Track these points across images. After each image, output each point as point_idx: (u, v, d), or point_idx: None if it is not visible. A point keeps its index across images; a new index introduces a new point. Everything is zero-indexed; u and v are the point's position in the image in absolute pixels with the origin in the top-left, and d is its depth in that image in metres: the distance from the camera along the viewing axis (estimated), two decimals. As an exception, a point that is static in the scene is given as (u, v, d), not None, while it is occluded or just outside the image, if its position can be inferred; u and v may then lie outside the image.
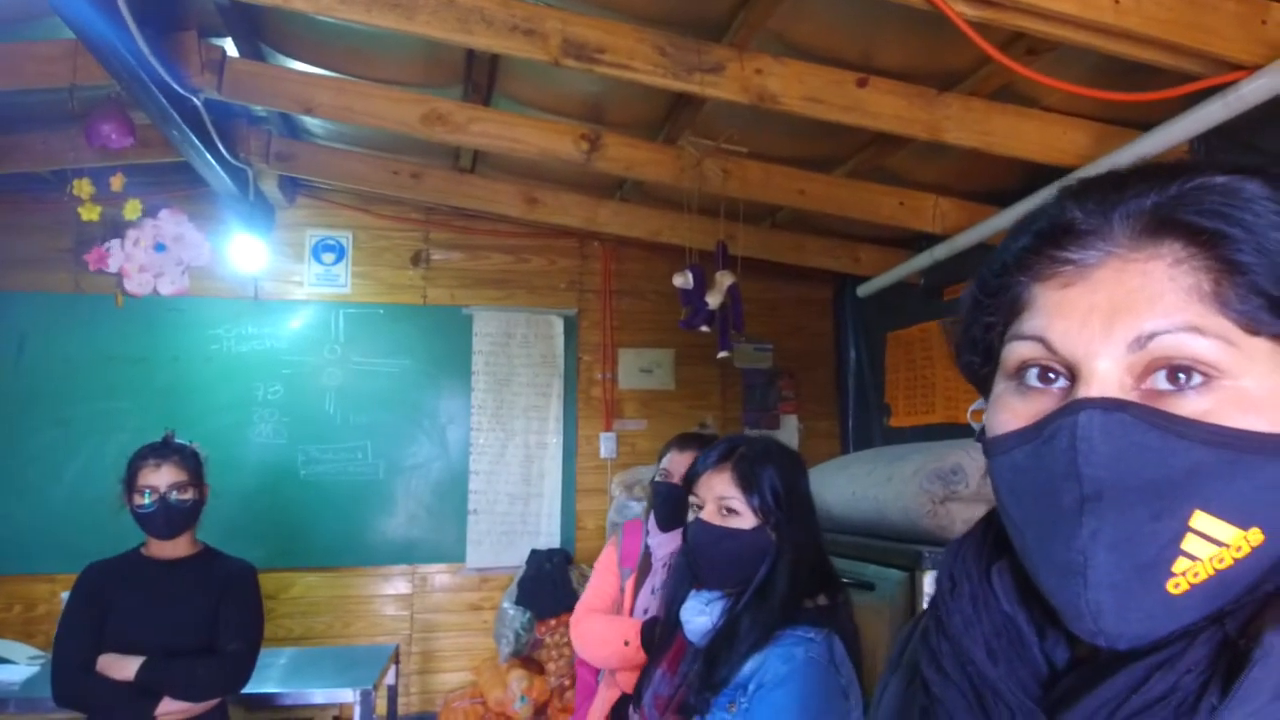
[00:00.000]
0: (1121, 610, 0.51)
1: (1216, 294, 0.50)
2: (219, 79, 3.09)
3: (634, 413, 5.06)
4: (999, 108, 2.78)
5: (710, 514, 1.56)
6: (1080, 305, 0.54)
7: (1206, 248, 0.51)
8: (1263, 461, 0.49)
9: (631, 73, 2.59)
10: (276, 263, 4.58)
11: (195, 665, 2.25)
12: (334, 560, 4.55)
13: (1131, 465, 0.51)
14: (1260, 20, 2.07)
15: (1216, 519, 0.49)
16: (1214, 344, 0.50)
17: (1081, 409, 0.52)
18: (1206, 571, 0.50)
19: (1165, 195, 0.53)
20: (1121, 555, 0.51)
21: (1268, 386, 0.50)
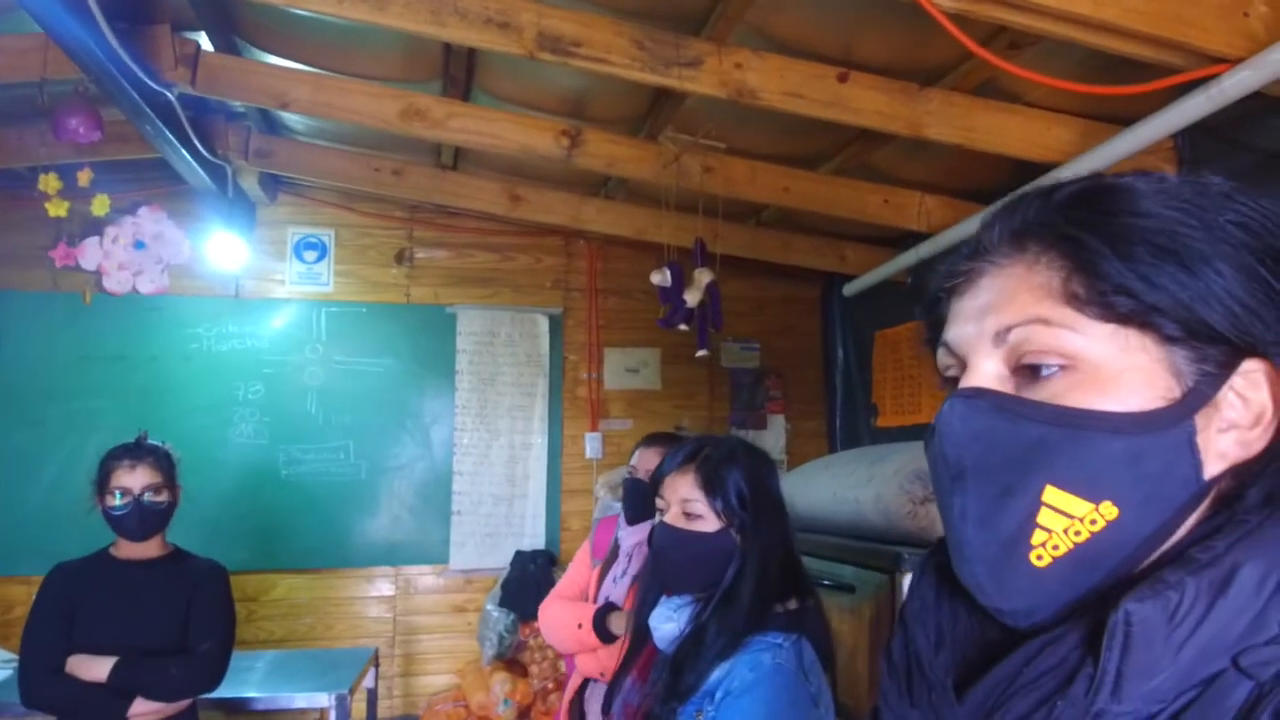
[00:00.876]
0: (997, 583, 0.55)
1: (1065, 288, 0.54)
2: (193, 73, 3.05)
3: (620, 412, 5.02)
4: (982, 103, 2.74)
5: (674, 516, 1.52)
6: (967, 310, 0.60)
7: (1059, 247, 0.55)
8: (1107, 437, 0.52)
9: (608, 66, 2.55)
10: (258, 261, 4.53)
11: (168, 665, 2.24)
12: (316, 562, 4.50)
13: (986, 446, 0.56)
14: (1242, 12, 2.03)
15: (1066, 493, 0.53)
16: (1061, 333, 0.54)
17: (949, 399, 0.58)
18: (1065, 544, 0.53)
19: (1033, 208, 0.58)
20: (987, 530, 0.55)
21: (1117, 369, 0.53)
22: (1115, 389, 0.53)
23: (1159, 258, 0.52)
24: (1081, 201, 0.57)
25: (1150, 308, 0.52)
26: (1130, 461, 0.52)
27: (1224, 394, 0.53)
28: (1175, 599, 0.48)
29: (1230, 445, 0.54)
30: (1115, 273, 0.53)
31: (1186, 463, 0.53)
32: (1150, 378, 0.53)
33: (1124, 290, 0.52)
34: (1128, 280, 0.52)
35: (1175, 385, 0.53)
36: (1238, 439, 0.54)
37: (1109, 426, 0.52)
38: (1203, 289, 0.52)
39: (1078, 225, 0.55)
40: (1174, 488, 0.53)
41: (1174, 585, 0.49)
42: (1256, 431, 0.54)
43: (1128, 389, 0.53)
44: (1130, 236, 0.53)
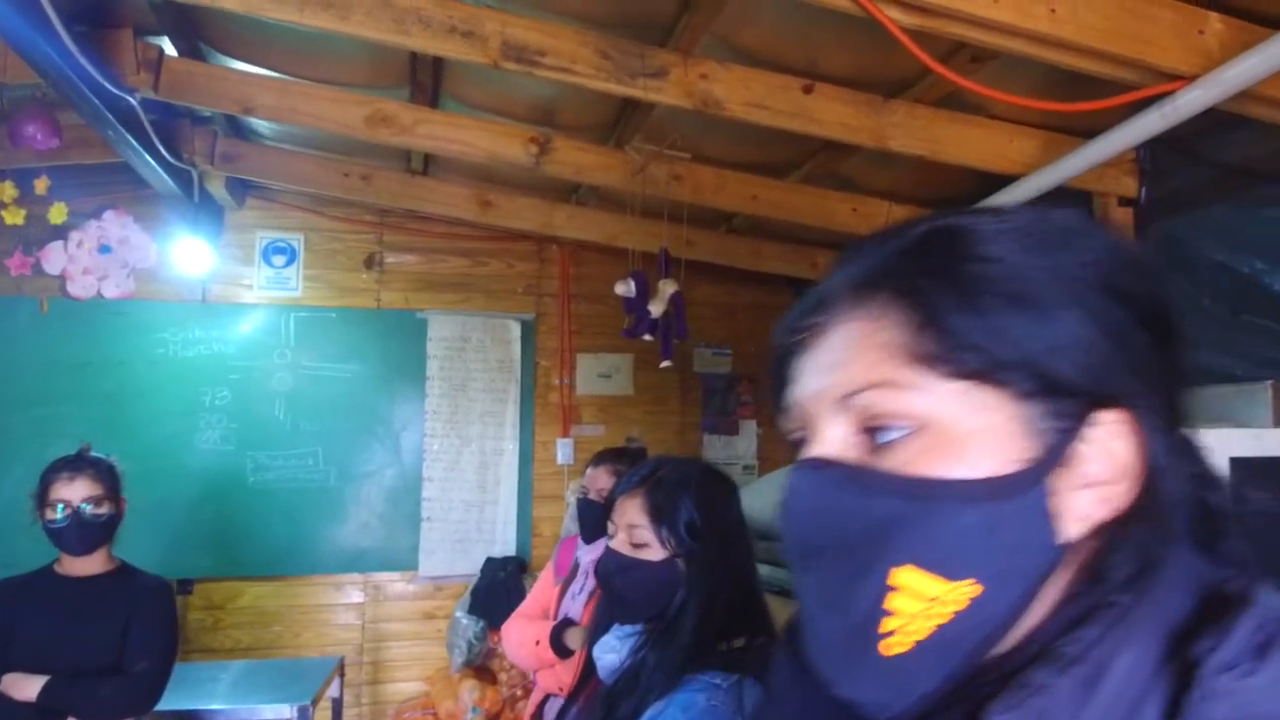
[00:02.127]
0: (848, 673, 0.51)
1: (911, 346, 0.50)
2: (156, 79, 3.01)
3: (592, 418, 5.02)
4: (945, 115, 2.76)
5: (620, 542, 1.46)
6: (810, 370, 0.55)
7: (903, 300, 0.51)
8: (959, 509, 0.48)
9: (573, 76, 2.55)
10: (225, 265, 4.49)
11: (100, 685, 2.19)
12: (284, 569, 4.46)
13: (833, 523, 0.51)
14: (1197, 30, 2.06)
15: (922, 572, 0.48)
16: (908, 395, 0.50)
17: (793, 471, 0.54)
18: (925, 629, 0.48)
19: (875, 256, 0.54)
20: (836, 614, 0.51)
21: (969, 430, 0.49)
22: (967, 452, 0.49)
23: (1007, 308, 0.49)
24: (924, 247, 0.53)
25: (1000, 363, 0.49)
26: (985, 533, 0.48)
27: (1083, 449, 0.50)
28: (1044, 705, 0.45)
29: (1092, 504, 0.50)
30: (962, 327, 0.49)
31: (1043, 529, 0.49)
32: (1003, 438, 0.49)
33: (972, 346, 0.49)
34: (975, 335, 0.49)
35: (1030, 445, 0.49)
36: (1100, 496, 0.50)
37: (963, 495, 0.48)
38: (1053, 340, 0.49)
39: (921, 275, 0.51)
40: (1032, 557, 0.49)
41: (1039, 690, 0.46)
42: (1121, 487, 0.50)
43: (980, 452, 0.49)
44: (976, 285, 0.49)
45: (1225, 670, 0.43)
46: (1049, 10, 1.95)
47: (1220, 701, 0.43)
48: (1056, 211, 0.54)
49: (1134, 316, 0.50)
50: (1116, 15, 2.00)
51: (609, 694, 1.40)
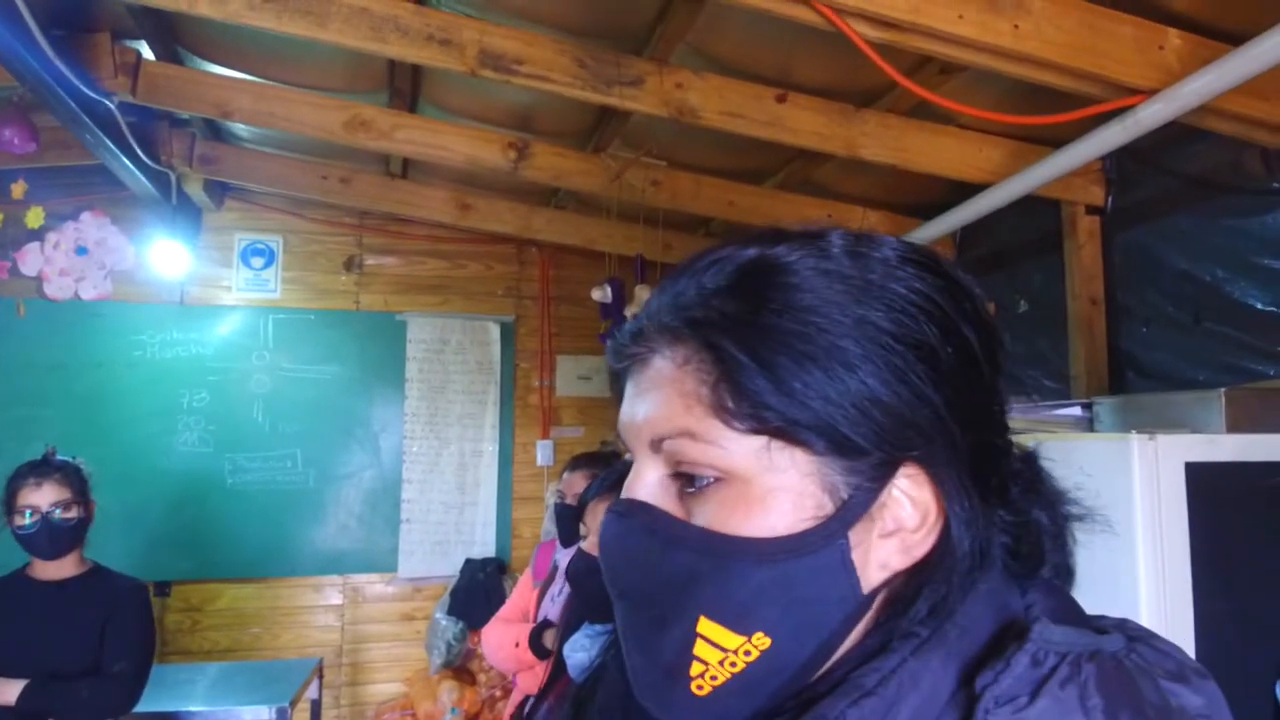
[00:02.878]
0: (661, 709, 0.53)
1: (713, 398, 0.50)
2: (133, 82, 3.02)
3: (572, 420, 5.04)
4: (916, 124, 2.81)
5: (591, 544, 1.52)
6: (631, 400, 0.56)
7: (707, 351, 0.51)
8: (753, 566, 0.49)
9: (550, 84, 2.57)
10: (203, 267, 4.48)
11: (79, 687, 2.20)
12: (262, 571, 4.46)
13: (639, 569, 0.53)
14: (1157, 46, 2.11)
15: (717, 625, 0.49)
16: (709, 449, 0.50)
17: (608, 512, 0.55)
18: (722, 675, 0.50)
19: (690, 291, 0.54)
20: (647, 655, 0.52)
21: (767, 486, 0.50)
22: (765, 509, 0.50)
23: (801, 366, 0.49)
24: (732, 292, 0.52)
25: (795, 424, 0.49)
26: (780, 589, 0.49)
27: (885, 499, 0.51)
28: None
29: (893, 553, 0.51)
30: (756, 388, 0.49)
31: (842, 582, 0.50)
32: (799, 495, 0.50)
33: (766, 406, 0.49)
34: (768, 396, 0.49)
35: (827, 501, 0.50)
36: (900, 545, 0.51)
37: (756, 554, 0.49)
38: (846, 401, 0.49)
39: (723, 328, 0.51)
40: (829, 609, 0.50)
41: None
42: (920, 534, 0.51)
43: (776, 509, 0.49)
44: (774, 342, 0.50)
45: (1002, 704, 0.45)
46: (1013, 26, 1.99)
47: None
48: (883, 249, 0.53)
49: (937, 371, 0.50)
50: (1078, 31, 2.05)
51: (579, 693, 1.43)
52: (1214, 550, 1.66)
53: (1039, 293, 3.21)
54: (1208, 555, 1.66)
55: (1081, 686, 0.45)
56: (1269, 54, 1.85)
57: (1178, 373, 2.61)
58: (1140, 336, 2.79)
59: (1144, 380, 2.75)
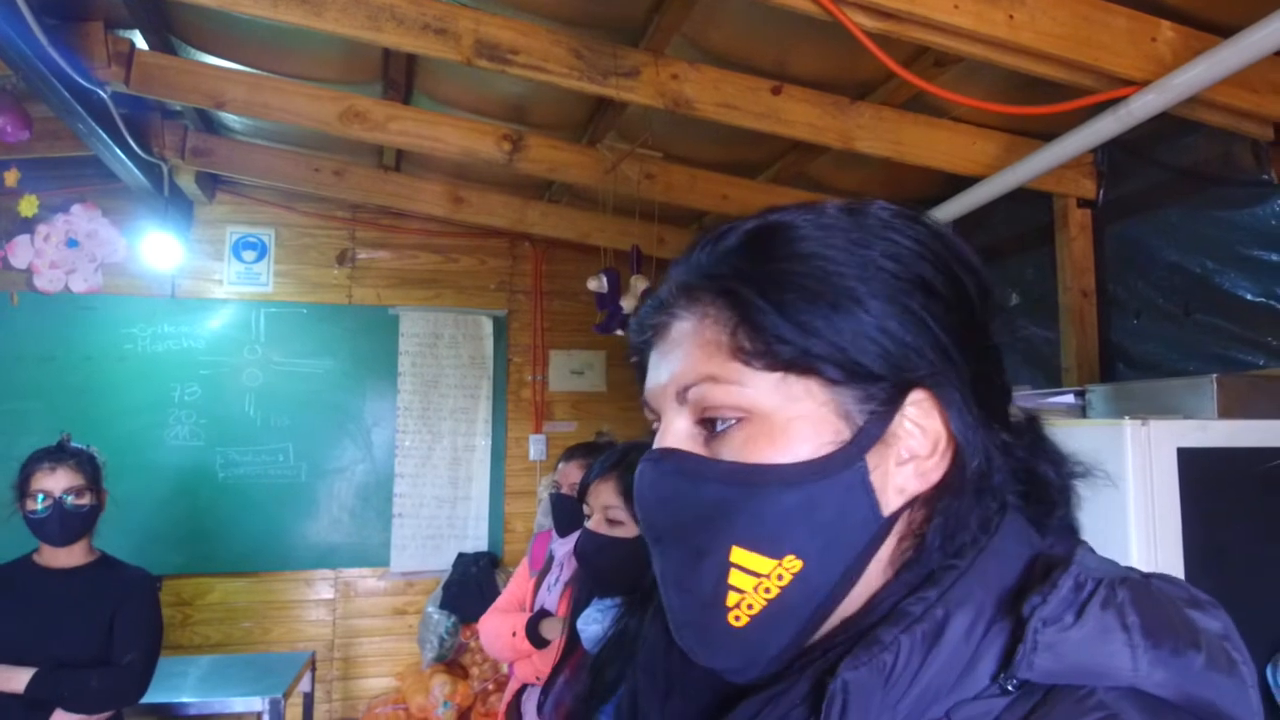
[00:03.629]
0: (705, 645, 0.56)
1: (732, 343, 0.55)
2: (127, 72, 3.00)
3: (564, 414, 5.05)
4: (910, 117, 2.82)
5: (596, 523, 1.57)
6: (656, 366, 0.60)
7: (723, 300, 0.56)
8: (779, 491, 0.53)
9: (546, 75, 2.58)
10: (195, 260, 4.47)
11: (89, 676, 2.19)
12: (254, 565, 4.45)
13: (674, 511, 0.56)
14: (1150, 37, 2.13)
15: (750, 552, 0.53)
16: (731, 389, 0.54)
17: (640, 462, 0.59)
18: (758, 602, 0.53)
19: (702, 256, 0.59)
20: (686, 594, 0.56)
21: (787, 418, 0.54)
22: (787, 438, 0.53)
23: (811, 302, 0.53)
24: (742, 249, 0.57)
25: (809, 354, 0.53)
26: (806, 511, 0.52)
27: (896, 428, 0.54)
28: (890, 660, 0.49)
29: (909, 478, 0.54)
30: (771, 324, 0.53)
31: (863, 504, 0.53)
32: (817, 423, 0.53)
33: (782, 340, 0.53)
34: (783, 330, 0.53)
35: (844, 427, 0.53)
36: (916, 470, 0.55)
37: (781, 479, 0.53)
38: (855, 330, 0.53)
39: (737, 277, 0.55)
40: (854, 531, 0.53)
41: (889, 646, 0.49)
42: (934, 460, 0.55)
43: (798, 437, 0.53)
44: (784, 283, 0.54)
45: (1050, 624, 0.47)
46: (1007, 16, 2.01)
47: (1044, 653, 0.47)
48: (874, 207, 0.58)
49: (936, 304, 0.55)
50: (1072, 22, 2.07)
51: (596, 661, 1.48)
52: (1205, 534, 1.68)
53: (1031, 285, 3.24)
54: (1199, 539, 1.67)
55: (1119, 607, 0.48)
56: (1259, 45, 1.87)
57: (1168, 363, 2.63)
58: (1131, 328, 2.81)
59: (1134, 371, 2.77)
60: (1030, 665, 0.47)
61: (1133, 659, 0.46)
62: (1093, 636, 0.47)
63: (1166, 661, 0.46)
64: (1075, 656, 0.46)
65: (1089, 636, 0.47)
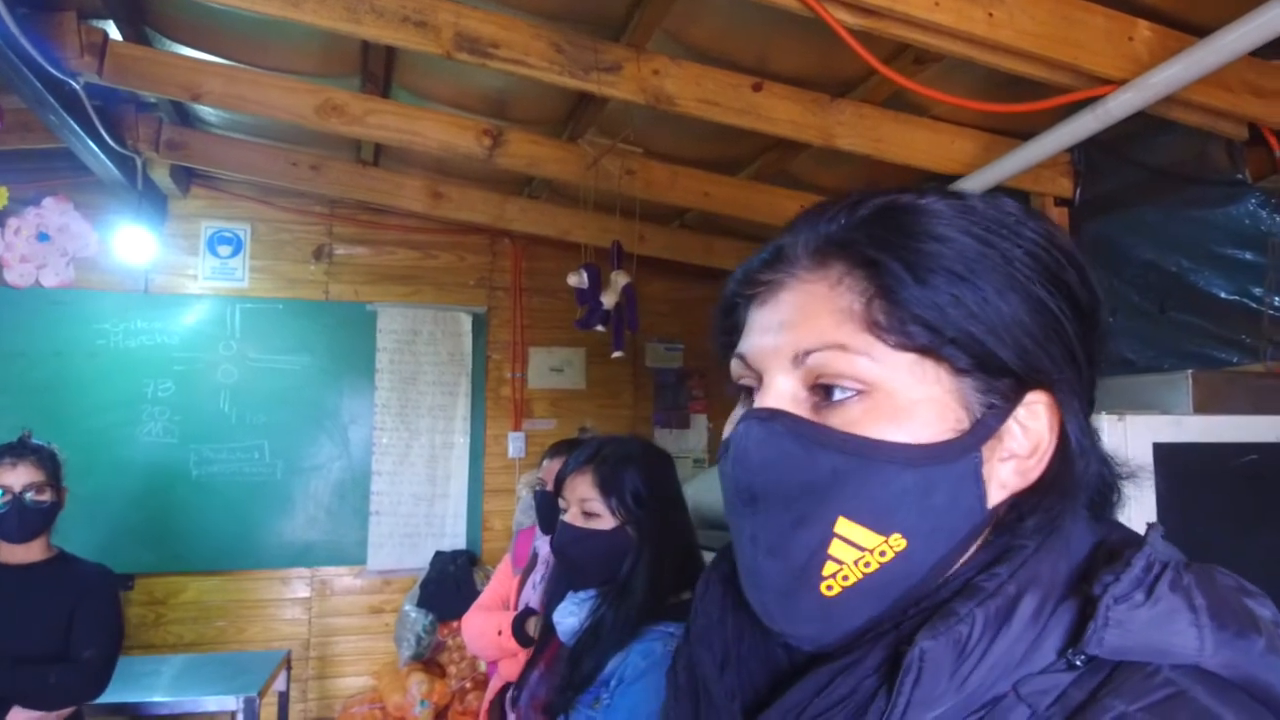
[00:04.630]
0: (786, 611, 0.55)
1: (866, 313, 0.54)
2: (100, 63, 2.95)
3: (544, 412, 5.03)
4: (891, 115, 2.83)
5: (573, 516, 1.57)
6: (766, 323, 0.58)
7: (861, 270, 0.55)
8: (897, 469, 0.52)
9: (527, 69, 2.56)
10: (169, 255, 4.41)
11: (47, 673, 2.17)
12: (228, 564, 4.40)
13: (780, 472, 0.55)
14: (1127, 37, 2.15)
15: (857, 525, 0.53)
16: (859, 360, 0.53)
17: (744, 419, 0.57)
18: (855, 575, 0.53)
19: (837, 222, 0.57)
20: (778, 559, 0.55)
21: (912, 399, 0.53)
22: (909, 419, 0.53)
23: (955, 288, 0.52)
24: (885, 220, 0.56)
25: (945, 340, 0.52)
26: (920, 493, 0.52)
27: (1010, 424, 0.54)
28: (965, 631, 0.49)
29: (1010, 475, 0.55)
30: (913, 301, 0.52)
31: (972, 493, 0.53)
32: (942, 409, 0.53)
33: (921, 321, 0.52)
34: (925, 311, 0.52)
35: (965, 416, 0.53)
36: (1017, 468, 0.55)
37: (901, 458, 0.52)
38: (994, 321, 0.52)
39: (880, 247, 0.54)
40: (960, 518, 0.54)
41: (964, 618, 0.50)
42: (1033, 461, 0.55)
43: (921, 420, 0.53)
44: (930, 263, 0.53)
45: (1120, 602, 0.48)
46: (987, 14, 2.02)
47: (1114, 629, 0.48)
48: (1005, 200, 0.57)
49: (1065, 304, 0.55)
50: (1051, 20, 2.08)
51: (573, 651, 1.48)
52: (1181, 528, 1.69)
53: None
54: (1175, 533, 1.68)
55: (1186, 589, 0.49)
56: (1235, 45, 1.89)
57: (1143, 360, 2.66)
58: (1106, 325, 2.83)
59: (1110, 368, 2.80)
60: (1100, 641, 0.48)
61: (1199, 639, 0.47)
62: (1162, 615, 0.48)
63: (1231, 643, 0.48)
64: (1144, 634, 0.48)
65: (1158, 615, 0.48)
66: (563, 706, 1.45)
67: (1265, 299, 2.25)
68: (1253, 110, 2.23)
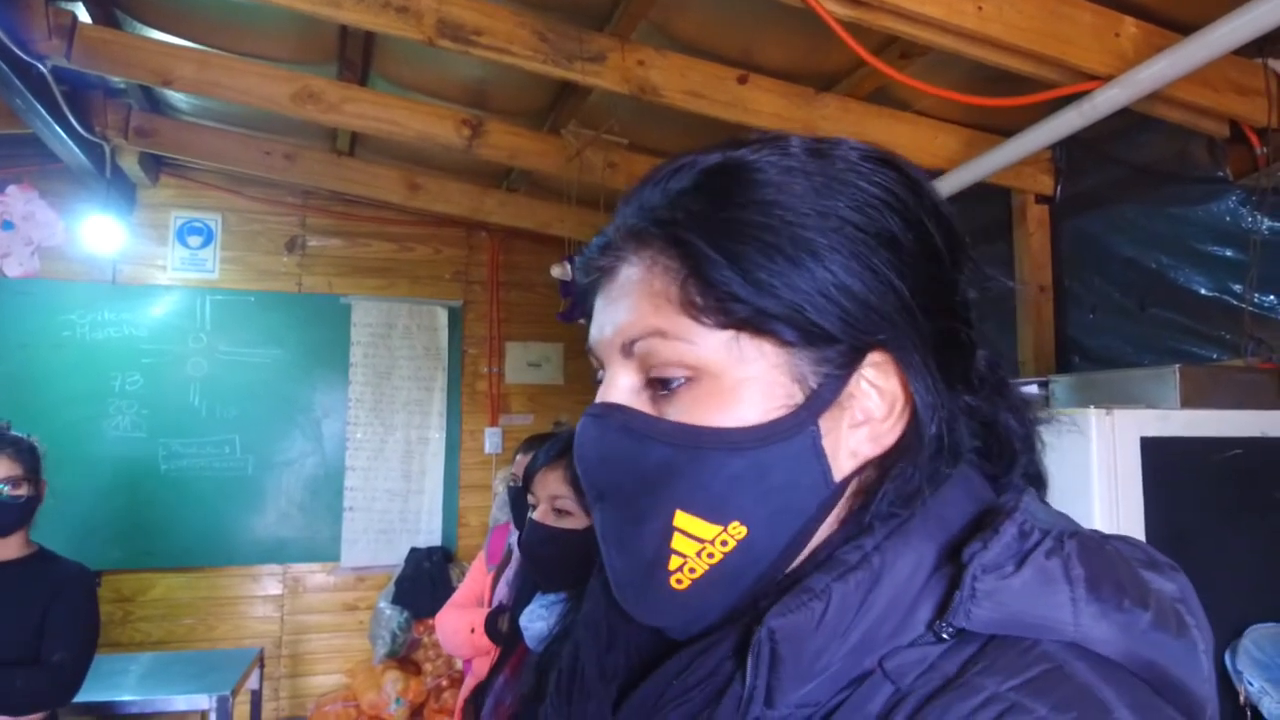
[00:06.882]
0: (641, 605, 0.54)
1: (681, 295, 0.51)
2: (68, 46, 2.87)
3: (521, 407, 4.99)
4: (875, 110, 2.83)
5: (543, 513, 1.47)
6: (601, 313, 0.56)
7: (674, 249, 0.52)
8: (726, 455, 0.50)
9: (510, 57, 2.52)
10: (137, 245, 4.31)
11: (14, 676, 2.09)
12: (198, 560, 4.32)
13: (616, 469, 0.53)
14: (1114, 33, 2.16)
15: (694, 517, 0.50)
16: (679, 345, 0.51)
17: (583, 416, 0.55)
18: (700, 567, 0.51)
19: (655, 196, 0.54)
20: (626, 554, 0.54)
21: (737, 379, 0.50)
22: (735, 401, 0.50)
23: (768, 257, 0.49)
24: (696, 191, 0.52)
25: (763, 314, 0.49)
26: (754, 478, 0.50)
27: (852, 390, 0.51)
28: (820, 608, 0.46)
29: (863, 442, 0.52)
30: (724, 279, 0.49)
31: (814, 469, 0.50)
32: (769, 386, 0.50)
33: (734, 297, 0.49)
34: (736, 287, 0.49)
35: (797, 390, 0.50)
36: (870, 434, 0.52)
37: (728, 444, 0.50)
38: (814, 289, 0.49)
39: (689, 225, 0.51)
40: (803, 496, 0.51)
41: (819, 594, 0.47)
42: (889, 423, 0.52)
43: (747, 400, 0.50)
44: (740, 234, 0.50)
45: (989, 571, 0.45)
46: (976, 8, 2.02)
47: (983, 601, 0.44)
48: (842, 148, 0.53)
49: (903, 260, 0.51)
50: (1039, 15, 2.08)
51: (540, 660, 1.41)
52: (1168, 522, 1.70)
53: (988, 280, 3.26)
54: (1162, 527, 1.70)
55: (1065, 559, 0.45)
56: (1220, 42, 1.90)
57: (1123, 357, 2.67)
58: (1087, 322, 2.85)
59: (1090, 364, 2.81)
60: (968, 614, 0.45)
61: (1074, 612, 0.44)
62: (1033, 586, 0.44)
63: (1110, 616, 0.44)
64: (1014, 606, 0.44)
65: (1029, 586, 0.44)
66: (528, 716, 1.39)
67: (1246, 296, 2.26)
68: (1235, 108, 2.24)
